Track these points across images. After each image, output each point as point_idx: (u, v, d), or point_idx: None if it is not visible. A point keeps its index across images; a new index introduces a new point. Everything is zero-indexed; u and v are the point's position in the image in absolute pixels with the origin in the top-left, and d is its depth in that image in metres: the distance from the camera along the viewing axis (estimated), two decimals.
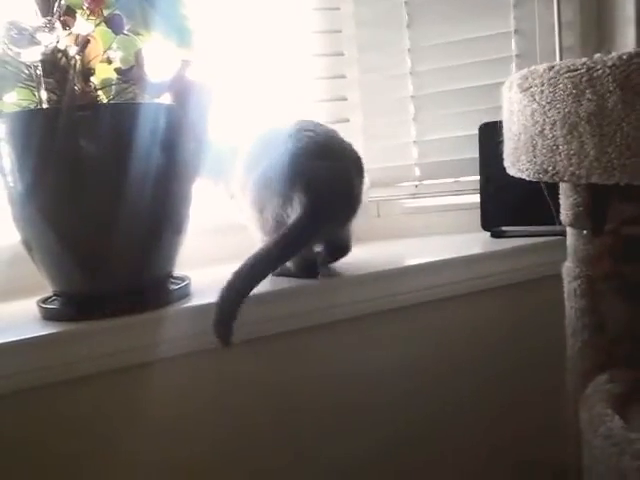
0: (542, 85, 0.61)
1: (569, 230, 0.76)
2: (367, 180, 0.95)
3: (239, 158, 0.92)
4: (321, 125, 0.93)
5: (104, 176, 0.73)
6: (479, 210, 1.10)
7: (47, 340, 0.72)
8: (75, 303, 0.77)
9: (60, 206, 0.72)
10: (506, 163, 0.73)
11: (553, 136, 0.61)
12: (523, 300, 1.03)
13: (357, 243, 1.20)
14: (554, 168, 0.61)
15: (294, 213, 0.82)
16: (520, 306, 1.04)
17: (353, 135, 1.18)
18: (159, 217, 0.78)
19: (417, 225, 1.19)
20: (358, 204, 0.89)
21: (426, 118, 1.19)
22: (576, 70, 0.58)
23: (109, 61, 0.80)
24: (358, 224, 0.93)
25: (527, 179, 0.67)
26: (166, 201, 0.78)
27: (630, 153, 0.55)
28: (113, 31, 0.84)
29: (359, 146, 1.18)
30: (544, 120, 0.61)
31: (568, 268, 0.76)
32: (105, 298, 0.76)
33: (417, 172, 1.20)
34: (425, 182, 1.20)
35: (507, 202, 1.06)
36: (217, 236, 1.02)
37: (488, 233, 1.09)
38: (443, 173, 1.18)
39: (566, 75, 0.58)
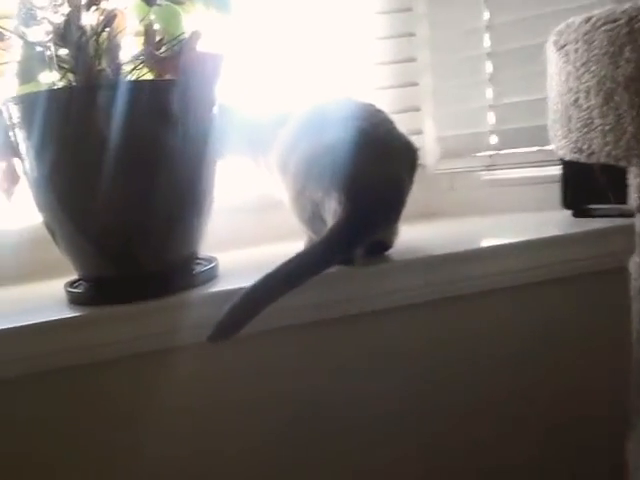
0: (577, 42, 0.49)
1: (638, 217, 0.62)
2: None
3: (283, 131, 0.86)
4: (377, 112, 0.83)
5: (119, 157, 0.69)
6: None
7: (69, 323, 0.72)
8: (98, 287, 0.76)
9: (76, 190, 0.71)
10: (550, 137, 0.61)
11: (588, 107, 0.49)
12: (609, 289, 0.88)
13: (429, 218, 1.12)
14: (589, 147, 0.49)
15: (332, 213, 0.74)
16: (606, 296, 0.89)
17: (422, 100, 1.08)
18: (179, 197, 0.75)
19: (493, 200, 1.06)
20: (404, 205, 0.80)
21: (504, 78, 1.04)
22: (615, 21, 0.45)
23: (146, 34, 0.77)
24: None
25: (564, 158, 0.54)
26: (186, 180, 0.74)
27: None
28: (146, 2, 0.81)
29: (428, 112, 1.09)
30: (578, 86, 0.49)
31: (636, 264, 0.63)
32: (127, 282, 0.75)
33: (494, 140, 1.07)
34: (502, 152, 1.06)
35: (593, 176, 0.90)
36: (251, 215, 0.98)
37: (569, 211, 0.94)
38: (523, 141, 1.03)
39: (603, 29, 0.45)
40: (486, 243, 0.91)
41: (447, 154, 1.10)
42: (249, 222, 0.97)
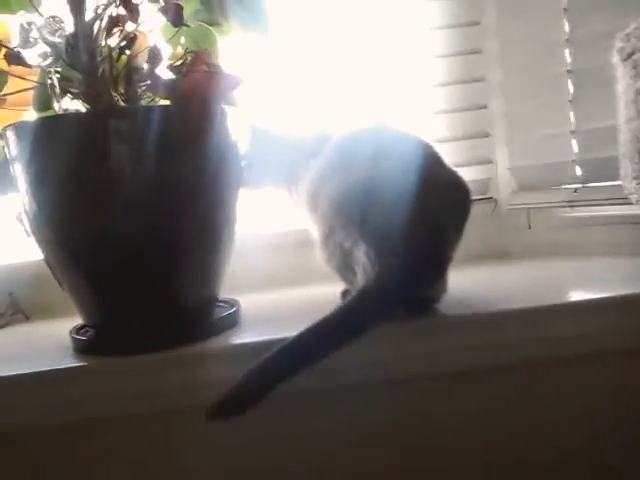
0: None
1: None
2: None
3: (316, 161, 0.77)
4: (421, 145, 0.71)
5: (124, 191, 0.63)
6: None
7: (69, 374, 0.66)
8: (105, 335, 0.69)
9: (77, 227, 0.64)
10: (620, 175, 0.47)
11: None
12: None
13: (501, 260, 0.98)
14: None
15: (361, 267, 0.63)
16: None
17: (492, 124, 0.95)
18: (192, 231, 0.67)
19: (575, 242, 0.90)
20: (449, 261, 0.67)
21: (588, 99, 0.89)
22: None
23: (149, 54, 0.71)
24: None
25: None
26: (198, 213, 0.67)
27: None
28: (171, 23, 0.75)
29: (500, 138, 0.96)
30: None
31: None
32: (136, 329, 0.67)
33: (577, 172, 0.91)
34: (587, 185, 0.90)
35: None
36: (283, 254, 0.89)
37: None
38: (612, 173, 0.82)
39: None
40: (567, 295, 0.76)
41: (522, 187, 0.96)
42: (279, 261, 0.88)
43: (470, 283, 0.83)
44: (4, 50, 0.68)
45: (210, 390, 0.65)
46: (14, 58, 0.67)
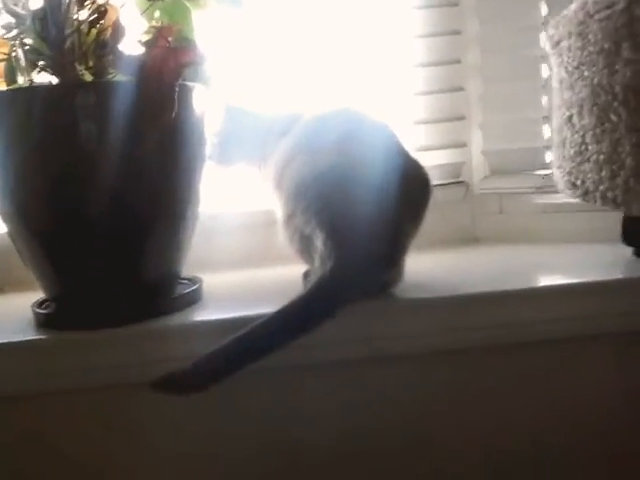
0: (570, 36, 0.36)
1: None
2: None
3: (284, 141, 0.77)
4: (386, 133, 0.71)
5: (82, 167, 0.62)
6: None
7: (25, 347, 0.66)
8: (65, 310, 0.69)
9: (38, 202, 0.64)
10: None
11: (582, 127, 0.36)
12: None
13: (471, 245, 0.98)
14: (583, 182, 0.36)
15: (319, 255, 0.63)
16: None
17: (468, 107, 0.95)
18: (152, 208, 0.67)
19: (546, 227, 0.90)
20: (406, 251, 0.67)
21: None
22: (611, 6, 0.31)
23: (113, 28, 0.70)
24: None
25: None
26: (158, 190, 0.66)
27: None
28: None
29: (475, 121, 0.95)
30: (571, 98, 0.36)
31: None
32: (92, 304, 0.67)
33: (549, 157, 0.90)
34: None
35: None
36: (252, 233, 0.88)
37: (630, 249, 0.77)
38: None
39: (597, 17, 0.32)
40: (535, 280, 0.76)
41: (495, 171, 0.96)
42: (245, 241, 0.88)
43: (437, 267, 0.84)
44: None
45: (169, 365, 0.67)
46: None
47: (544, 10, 0.87)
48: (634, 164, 0.32)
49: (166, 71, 0.57)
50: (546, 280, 0.75)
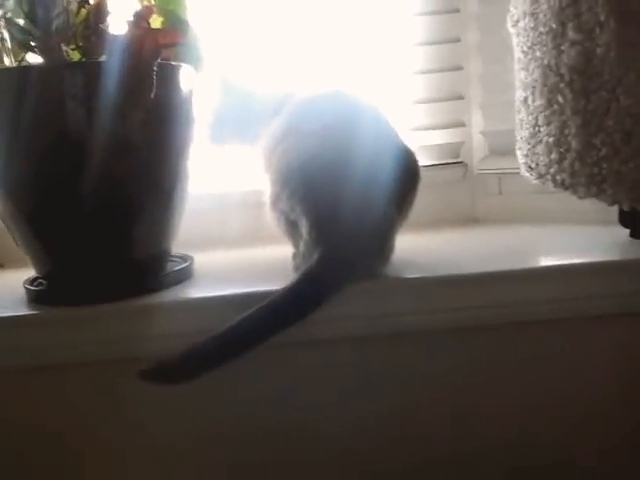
0: (525, 16, 0.35)
1: None
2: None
3: (276, 120, 0.76)
4: (376, 116, 0.71)
5: (69, 146, 0.63)
6: None
7: (18, 322, 0.68)
8: (57, 287, 0.70)
9: (27, 181, 0.65)
10: None
11: (535, 109, 0.36)
12: None
13: (470, 225, 0.97)
14: (537, 165, 0.36)
15: (304, 242, 0.64)
16: None
17: (467, 86, 0.93)
18: (140, 186, 0.67)
19: (545, 208, 0.89)
20: (393, 239, 0.67)
21: None
22: None
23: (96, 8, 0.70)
24: None
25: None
26: (146, 168, 0.67)
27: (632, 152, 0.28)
28: None
29: (474, 101, 0.94)
30: (526, 79, 0.36)
31: None
32: (83, 281, 0.69)
33: None
34: None
35: None
36: (234, 214, 0.88)
37: (627, 230, 0.75)
38: None
39: None
40: (534, 261, 0.75)
41: (494, 152, 0.94)
42: (237, 220, 0.88)
43: (436, 247, 0.84)
44: None
45: (159, 341, 0.68)
46: None
47: None
48: (579, 147, 0.32)
49: (144, 51, 0.57)
50: (545, 261, 0.74)
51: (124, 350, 0.68)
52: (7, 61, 0.67)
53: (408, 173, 0.68)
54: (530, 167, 0.38)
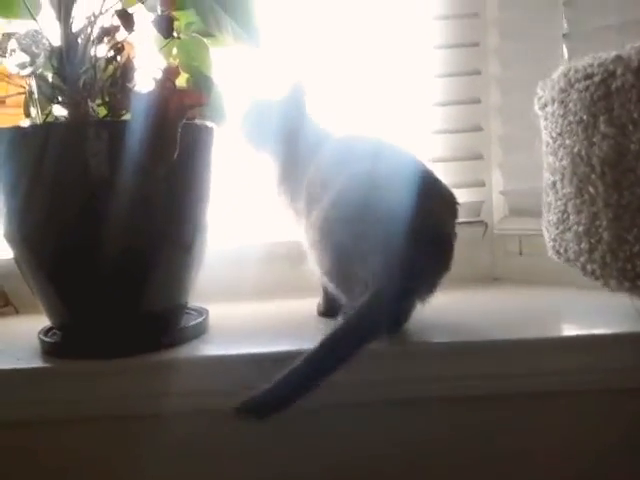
0: (553, 102, 0.35)
1: None
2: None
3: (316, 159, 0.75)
4: (417, 160, 0.72)
5: (89, 201, 0.65)
6: None
7: (31, 375, 0.68)
8: (71, 339, 0.71)
9: (45, 231, 0.66)
10: None
11: (564, 195, 0.35)
12: None
13: (490, 285, 0.96)
14: (565, 251, 0.35)
15: (361, 275, 0.64)
16: None
17: (487, 146, 0.94)
18: (158, 240, 0.68)
19: (566, 271, 0.87)
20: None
21: None
22: (590, 77, 0.31)
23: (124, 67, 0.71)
24: None
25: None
26: (165, 222, 0.68)
27: None
28: (161, 34, 0.76)
29: (494, 160, 0.94)
30: (555, 164, 0.35)
31: None
32: (99, 335, 0.69)
33: None
34: None
35: None
36: (262, 265, 0.88)
37: None
38: None
39: (577, 87, 0.32)
40: (555, 329, 0.73)
41: (514, 212, 0.94)
42: (254, 273, 0.88)
43: (455, 308, 0.82)
44: None
45: (172, 399, 0.68)
46: None
47: (565, 53, 0.86)
48: (611, 240, 0.31)
49: (169, 112, 0.58)
50: (566, 329, 0.73)
51: (137, 407, 0.68)
52: (33, 112, 0.69)
53: (454, 212, 0.71)
54: (558, 252, 0.37)
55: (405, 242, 0.62)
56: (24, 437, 0.69)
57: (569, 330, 0.72)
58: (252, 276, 0.87)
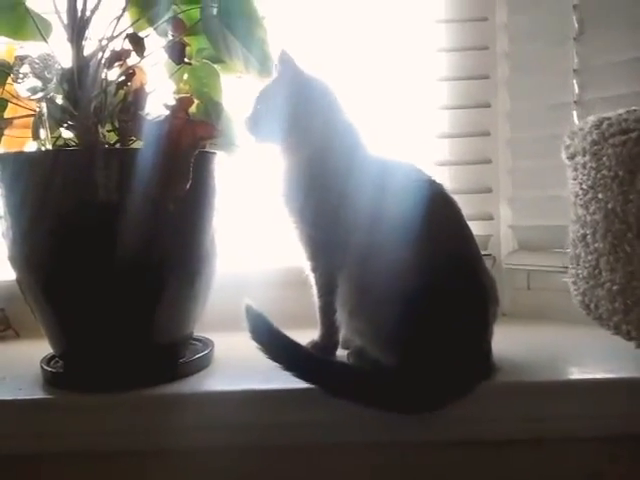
0: (584, 154, 0.34)
1: None
2: None
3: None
4: (447, 200, 0.74)
5: (93, 229, 0.63)
6: None
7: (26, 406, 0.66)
8: (72, 369, 0.69)
9: (45, 260, 0.65)
10: None
11: (595, 250, 0.34)
12: None
13: (502, 319, 0.94)
14: (596, 307, 0.34)
15: None
16: None
17: (495, 180, 0.93)
18: (167, 274, 0.67)
19: (575, 307, 0.85)
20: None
21: None
22: (626, 132, 0.30)
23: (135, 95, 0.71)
24: None
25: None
26: (174, 255, 0.67)
27: None
28: (173, 60, 0.76)
29: (503, 194, 0.93)
30: (585, 217, 0.34)
31: None
32: (100, 365, 0.67)
33: None
34: None
35: None
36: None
37: None
38: None
39: (611, 141, 0.31)
40: (562, 372, 0.70)
41: (523, 246, 0.93)
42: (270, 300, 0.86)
43: None
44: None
45: (174, 434, 0.66)
46: None
47: (576, 88, 0.85)
48: None
49: (182, 143, 0.57)
50: (573, 373, 0.69)
51: (139, 442, 0.66)
52: (42, 134, 0.68)
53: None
54: (588, 306, 0.36)
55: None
56: (25, 470, 0.68)
57: (576, 373, 0.68)
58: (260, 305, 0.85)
